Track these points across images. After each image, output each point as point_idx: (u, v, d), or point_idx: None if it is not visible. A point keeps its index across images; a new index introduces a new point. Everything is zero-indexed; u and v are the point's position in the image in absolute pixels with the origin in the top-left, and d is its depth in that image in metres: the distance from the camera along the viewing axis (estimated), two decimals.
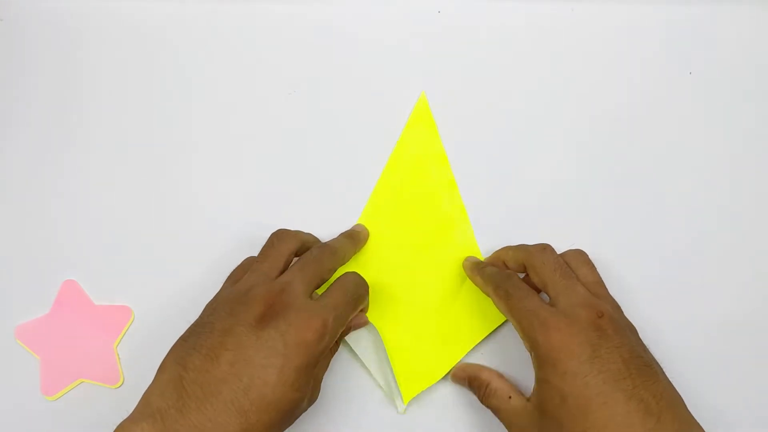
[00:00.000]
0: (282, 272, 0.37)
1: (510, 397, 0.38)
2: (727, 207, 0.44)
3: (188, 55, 0.47)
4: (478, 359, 0.42)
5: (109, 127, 0.46)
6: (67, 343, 0.43)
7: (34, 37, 0.48)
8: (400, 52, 0.47)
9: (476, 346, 0.42)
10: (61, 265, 0.44)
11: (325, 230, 0.44)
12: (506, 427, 0.37)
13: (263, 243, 0.43)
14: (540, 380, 0.35)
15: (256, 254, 0.41)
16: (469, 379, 0.40)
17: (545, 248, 0.39)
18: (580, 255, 0.40)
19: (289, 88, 0.46)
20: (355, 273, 0.39)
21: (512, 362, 0.42)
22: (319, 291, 0.38)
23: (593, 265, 0.40)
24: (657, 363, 0.36)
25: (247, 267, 0.39)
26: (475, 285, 0.41)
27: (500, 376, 0.40)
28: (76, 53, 0.47)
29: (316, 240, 0.43)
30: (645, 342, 0.37)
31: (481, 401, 0.39)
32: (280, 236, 0.39)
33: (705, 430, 0.34)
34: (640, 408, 0.32)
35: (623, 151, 0.45)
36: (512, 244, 0.42)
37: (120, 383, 0.43)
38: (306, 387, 0.34)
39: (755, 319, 0.43)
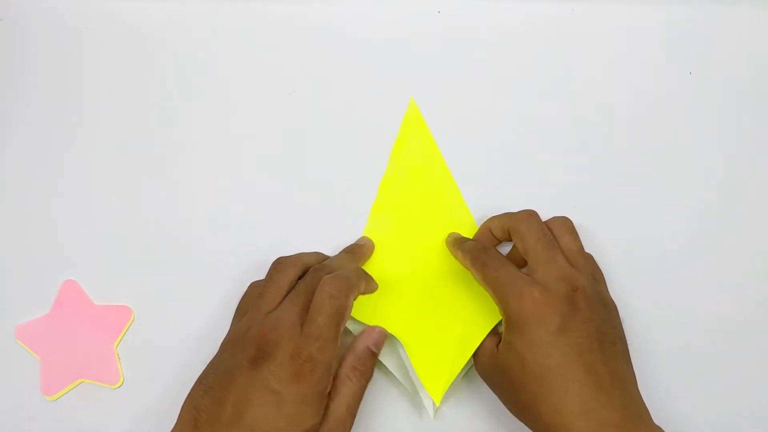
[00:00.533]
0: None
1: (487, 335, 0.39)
2: (727, 207, 0.44)
3: (188, 55, 0.47)
4: None
5: (109, 127, 0.46)
6: (67, 343, 0.43)
7: (34, 37, 0.48)
8: (400, 52, 0.47)
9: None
10: (61, 265, 0.44)
11: (325, 229, 0.44)
12: (474, 353, 0.39)
13: (263, 243, 0.43)
14: (506, 342, 0.36)
15: (256, 254, 0.41)
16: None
17: (530, 215, 0.39)
18: (564, 223, 0.40)
19: (289, 89, 0.46)
20: (329, 280, 0.37)
21: None
22: None
23: (576, 234, 0.40)
24: (624, 341, 0.37)
25: (250, 297, 0.40)
26: (456, 260, 0.42)
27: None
28: (76, 53, 0.47)
29: (321, 258, 0.42)
30: (642, 337, 0.37)
31: None
32: (277, 268, 0.39)
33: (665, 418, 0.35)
34: (595, 382, 0.34)
35: (623, 151, 0.45)
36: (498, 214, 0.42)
37: (120, 383, 0.43)
38: (311, 417, 0.34)
39: (754, 318, 0.43)
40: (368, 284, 0.40)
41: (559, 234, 0.40)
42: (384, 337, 0.40)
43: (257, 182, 0.45)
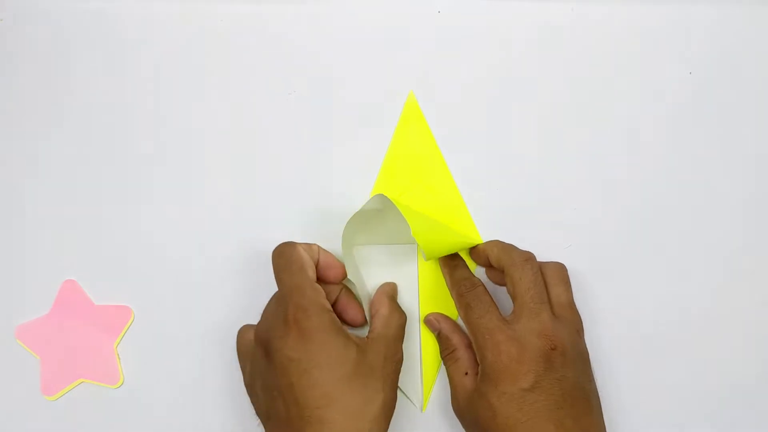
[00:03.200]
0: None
1: (466, 374, 0.39)
2: (727, 207, 0.44)
3: (188, 56, 0.47)
4: None
5: (108, 127, 0.46)
6: (67, 343, 0.43)
7: (34, 37, 0.48)
8: (400, 51, 0.47)
9: None
10: (61, 265, 0.44)
11: (325, 230, 0.44)
12: (450, 390, 0.39)
13: (263, 242, 0.44)
14: (479, 391, 0.37)
15: (256, 253, 0.42)
16: (440, 334, 0.41)
17: (526, 262, 0.39)
18: (559, 271, 0.40)
19: (288, 89, 0.46)
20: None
21: None
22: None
23: (569, 284, 0.40)
24: (596, 395, 0.38)
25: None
26: (443, 278, 0.42)
27: (468, 346, 0.40)
28: (75, 53, 0.47)
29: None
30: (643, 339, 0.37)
31: (441, 356, 0.41)
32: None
33: None
34: None
35: (622, 151, 0.45)
36: (502, 241, 0.42)
37: (120, 383, 0.43)
38: (344, 346, 0.36)
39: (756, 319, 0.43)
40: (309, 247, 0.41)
41: (552, 282, 0.39)
42: (396, 287, 0.42)
43: (257, 182, 0.45)
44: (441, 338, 0.41)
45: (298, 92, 0.46)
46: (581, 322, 0.39)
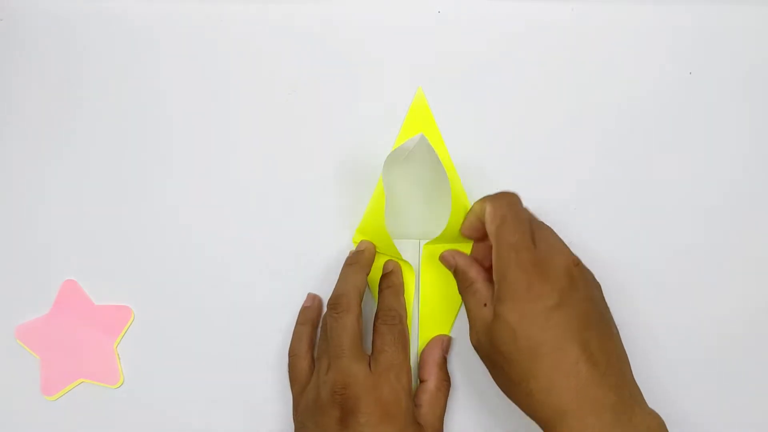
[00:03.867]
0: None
1: (485, 305, 0.37)
2: (728, 207, 0.44)
3: (188, 56, 0.47)
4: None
5: (108, 127, 0.46)
6: (67, 343, 0.43)
7: (34, 37, 0.48)
8: (400, 51, 0.47)
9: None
10: (61, 265, 0.44)
11: (326, 229, 0.44)
12: (469, 324, 0.38)
13: (264, 242, 0.43)
14: (498, 316, 0.35)
15: (257, 253, 0.41)
16: (457, 269, 0.40)
17: (518, 249, 0.37)
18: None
19: (288, 89, 0.46)
20: (380, 319, 0.39)
21: None
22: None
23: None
24: (614, 323, 0.36)
25: (296, 369, 0.40)
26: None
27: (485, 279, 0.39)
28: (76, 53, 0.47)
29: (318, 300, 0.43)
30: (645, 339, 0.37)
31: (459, 291, 0.40)
32: (324, 337, 0.39)
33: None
34: (590, 360, 0.33)
35: (622, 151, 0.45)
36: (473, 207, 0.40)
37: (120, 383, 0.43)
38: None
39: (752, 314, 0.43)
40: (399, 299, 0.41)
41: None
42: (451, 342, 0.42)
43: (258, 182, 0.45)
44: (458, 273, 0.40)
45: (299, 92, 0.46)
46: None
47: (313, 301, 0.43)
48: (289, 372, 0.41)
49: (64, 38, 0.48)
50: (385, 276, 0.42)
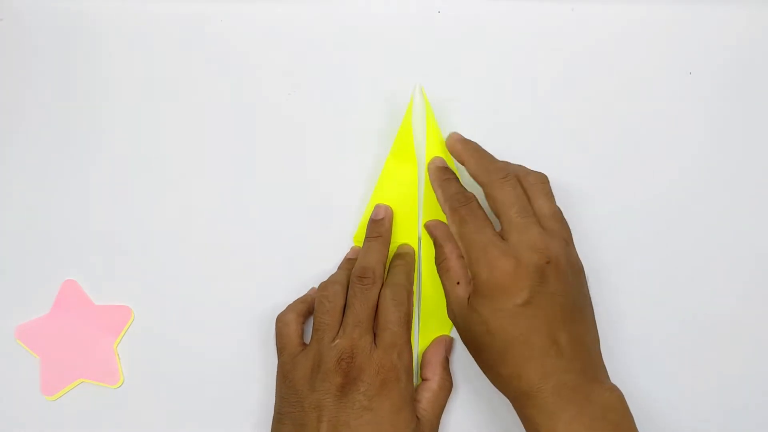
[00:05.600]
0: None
1: (458, 283, 0.39)
2: (727, 207, 0.44)
3: (188, 56, 0.47)
4: None
5: (108, 127, 0.46)
6: (67, 343, 0.43)
7: (34, 37, 0.48)
8: (399, 52, 0.47)
9: None
10: (61, 265, 0.44)
11: (327, 229, 0.44)
12: (446, 299, 0.40)
13: (265, 242, 0.43)
14: (472, 307, 0.37)
15: (258, 253, 0.41)
16: (435, 241, 0.42)
17: (505, 179, 0.39)
18: (540, 183, 0.40)
19: (289, 89, 0.46)
20: (386, 293, 0.39)
21: None
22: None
23: (551, 195, 0.40)
24: (589, 303, 0.38)
25: (286, 337, 0.40)
26: (434, 194, 0.42)
27: (459, 256, 0.40)
28: (76, 53, 0.47)
29: (350, 264, 0.42)
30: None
31: (435, 264, 0.41)
32: (325, 294, 0.40)
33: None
34: (556, 351, 0.35)
35: (622, 151, 0.45)
36: (477, 149, 0.42)
37: (120, 383, 0.43)
38: (406, 425, 0.36)
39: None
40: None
41: (534, 195, 0.39)
42: (453, 344, 0.42)
43: (259, 182, 0.45)
44: (435, 246, 0.41)
45: (299, 92, 0.46)
46: (569, 231, 0.39)
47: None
48: (278, 339, 0.40)
49: (64, 38, 0.48)
50: (399, 254, 0.43)
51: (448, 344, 0.42)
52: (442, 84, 0.46)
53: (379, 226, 0.42)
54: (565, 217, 0.40)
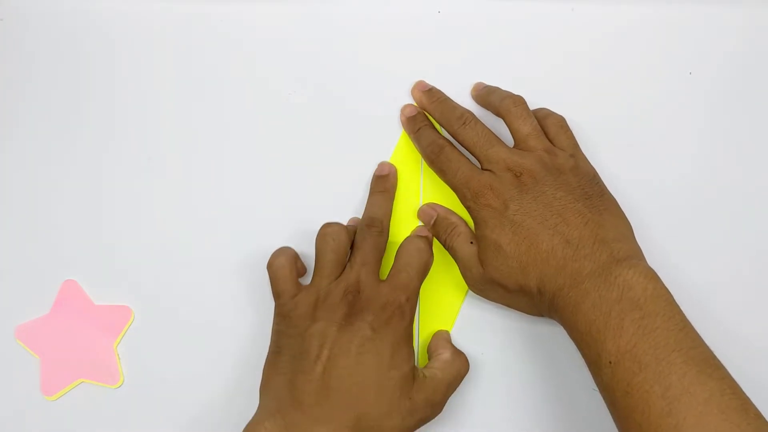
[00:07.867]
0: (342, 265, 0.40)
1: (471, 243, 0.40)
2: (727, 207, 0.44)
3: (188, 55, 0.47)
4: (479, 358, 0.42)
5: (108, 127, 0.46)
6: (67, 343, 0.43)
7: (34, 37, 0.48)
8: (399, 52, 0.47)
9: (478, 347, 0.42)
10: (61, 265, 0.44)
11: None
12: (460, 270, 0.41)
13: (264, 242, 0.43)
14: (479, 237, 0.39)
15: (257, 253, 0.42)
16: (438, 218, 0.42)
17: (465, 125, 0.42)
18: (559, 124, 0.43)
19: (289, 89, 0.46)
20: (414, 241, 0.40)
21: (517, 361, 0.42)
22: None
23: (565, 128, 0.43)
24: (599, 194, 0.39)
25: (282, 279, 0.40)
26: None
27: (466, 223, 0.42)
28: (76, 53, 0.47)
29: (356, 220, 0.43)
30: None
31: (445, 242, 0.42)
32: (329, 239, 0.40)
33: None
34: (562, 240, 0.37)
35: (622, 151, 0.45)
36: (487, 88, 0.45)
37: (120, 383, 0.43)
38: (405, 361, 0.37)
39: None
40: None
41: (547, 129, 0.42)
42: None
43: (259, 182, 0.45)
44: (439, 221, 0.42)
45: (299, 92, 0.46)
46: (576, 145, 0.42)
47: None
48: (274, 284, 0.40)
49: (64, 38, 0.48)
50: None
51: (449, 335, 0.42)
52: (442, 84, 0.46)
53: (384, 181, 0.44)
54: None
